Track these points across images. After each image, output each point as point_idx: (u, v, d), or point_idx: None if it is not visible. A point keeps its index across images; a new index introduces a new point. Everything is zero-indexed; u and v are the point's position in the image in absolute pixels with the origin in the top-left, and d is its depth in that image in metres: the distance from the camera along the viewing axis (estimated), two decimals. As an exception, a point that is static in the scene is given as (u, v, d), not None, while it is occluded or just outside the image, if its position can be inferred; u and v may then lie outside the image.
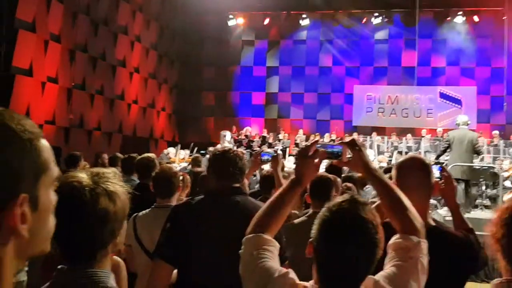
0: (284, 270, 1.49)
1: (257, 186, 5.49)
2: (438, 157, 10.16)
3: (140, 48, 16.43)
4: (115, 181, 1.40)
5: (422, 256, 1.53)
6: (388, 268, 1.51)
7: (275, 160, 3.37)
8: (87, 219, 1.31)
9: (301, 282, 1.47)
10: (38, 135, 0.78)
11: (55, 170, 0.82)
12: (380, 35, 19.05)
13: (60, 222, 1.11)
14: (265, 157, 3.36)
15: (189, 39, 19.41)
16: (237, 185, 2.37)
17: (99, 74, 14.08)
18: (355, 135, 16.83)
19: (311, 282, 1.44)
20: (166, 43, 18.42)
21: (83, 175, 1.36)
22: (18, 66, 10.90)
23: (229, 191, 2.34)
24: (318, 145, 1.78)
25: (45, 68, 11.82)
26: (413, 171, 2.06)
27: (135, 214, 3.17)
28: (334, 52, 19.39)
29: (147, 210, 3.16)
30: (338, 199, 1.45)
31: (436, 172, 2.29)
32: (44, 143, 0.80)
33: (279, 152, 3.51)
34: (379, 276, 1.48)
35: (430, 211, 2.21)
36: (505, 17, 17.02)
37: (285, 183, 3.24)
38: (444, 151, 9.57)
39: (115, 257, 2.39)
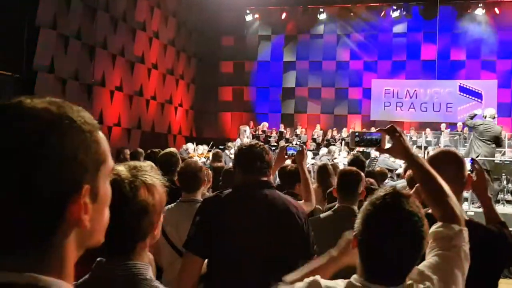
0: None
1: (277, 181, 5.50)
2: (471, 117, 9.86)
3: (158, 44, 16.52)
4: (153, 174, 1.42)
5: (464, 244, 1.52)
6: (431, 257, 1.50)
7: (300, 154, 3.35)
8: (127, 212, 1.32)
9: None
10: (96, 126, 0.78)
11: (111, 162, 0.82)
12: (399, 28, 18.82)
13: None
14: (291, 152, 3.36)
15: (206, 34, 19.44)
16: (265, 178, 2.38)
17: (118, 70, 14.22)
18: (373, 130, 16.72)
19: (355, 276, 1.43)
20: (184, 39, 18.49)
21: (121, 168, 1.38)
22: (39, 64, 11.06)
23: (257, 185, 2.35)
24: (356, 133, 1.78)
25: (66, 65, 11.97)
26: (445, 164, 2.00)
27: (162, 208, 3.20)
28: (352, 46, 19.23)
29: (173, 205, 3.19)
30: (381, 192, 1.43)
31: (467, 165, 2.26)
32: (102, 134, 0.80)
33: (304, 146, 3.47)
34: (422, 266, 1.47)
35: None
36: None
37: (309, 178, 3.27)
38: (470, 122, 9.44)
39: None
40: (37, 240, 0.72)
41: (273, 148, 15.34)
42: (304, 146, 3.46)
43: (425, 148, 14.42)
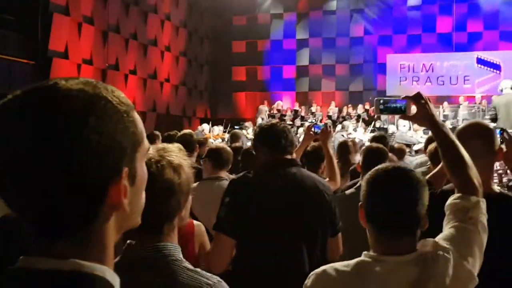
0: None
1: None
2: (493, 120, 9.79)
3: (170, 27, 16.47)
4: (180, 155, 1.41)
5: (481, 216, 1.51)
6: (447, 229, 1.50)
7: (325, 133, 3.32)
8: (154, 191, 1.26)
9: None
10: (131, 106, 0.75)
11: (147, 142, 0.79)
12: (413, 1, 18.45)
13: None
14: (317, 130, 3.33)
15: (217, 15, 19.30)
16: (290, 157, 2.37)
17: (132, 54, 14.23)
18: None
19: (365, 252, 1.46)
20: (195, 20, 18.39)
21: (151, 149, 1.35)
22: (54, 50, 11.12)
23: (284, 163, 2.34)
24: (380, 100, 1.75)
25: (80, 50, 12.02)
26: (474, 138, 1.96)
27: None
28: (366, 22, 18.93)
29: (197, 183, 3.22)
30: (384, 164, 1.52)
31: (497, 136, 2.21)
32: (137, 115, 0.77)
33: (329, 124, 3.41)
34: (438, 238, 1.47)
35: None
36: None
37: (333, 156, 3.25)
38: (493, 120, 9.19)
39: (195, 221, 2.45)
40: (80, 225, 0.70)
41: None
42: (329, 124, 3.40)
43: (443, 121, 14.24)
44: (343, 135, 11.15)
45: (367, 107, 16.86)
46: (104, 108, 0.69)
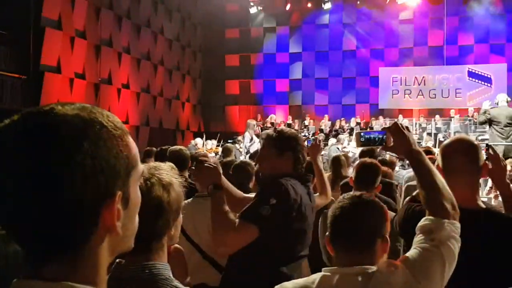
0: None
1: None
2: (480, 123, 9.91)
3: (163, 40, 16.51)
4: (171, 173, 1.41)
5: (448, 238, 1.52)
6: (411, 250, 1.53)
7: (314, 147, 3.29)
8: (142, 209, 1.30)
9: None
10: (126, 131, 0.77)
11: (141, 166, 0.81)
12: (405, 15, 18.63)
13: None
14: (309, 144, 3.30)
15: (211, 28, 19.40)
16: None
17: (125, 68, 14.22)
18: (381, 118, 16.65)
19: (326, 268, 1.56)
20: (189, 34, 18.46)
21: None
22: (46, 64, 11.09)
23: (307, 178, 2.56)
24: (361, 133, 1.83)
25: (72, 64, 11.99)
26: (458, 154, 1.97)
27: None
28: (358, 35, 19.08)
29: (189, 200, 3.18)
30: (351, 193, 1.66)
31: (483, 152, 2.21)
32: (131, 139, 0.79)
33: (319, 139, 3.35)
34: (399, 259, 1.52)
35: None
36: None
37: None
38: (483, 123, 9.32)
39: (176, 245, 2.40)
40: (72, 247, 0.72)
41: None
42: (319, 139, 3.37)
43: (435, 135, 14.30)
44: (338, 148, 11.15)
45: (359, 120, 16.93)
46: (99, 133, 0.72)
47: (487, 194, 5.81)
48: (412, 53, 18.57)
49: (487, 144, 2.42)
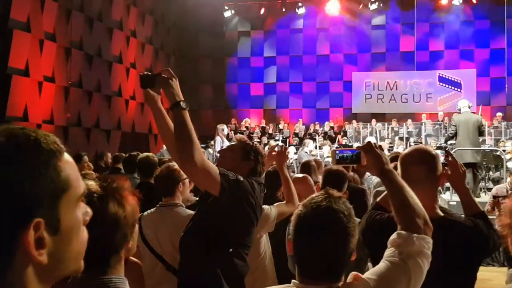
0: None
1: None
2: (446, 141, 10.23)
3: (135, 43, 16.31)
4: (123, 186, 1.42)
5: (417, 254, 1.53)
6: (380, 263, 1.54)
7: (280, 154, 3.26)
8: (99, 225, 1.27)
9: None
10: (56, 153, 0.74)
11: (80, 186, 0.78)
12: (377, 20, 18.91)
13: None
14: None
15: (184, 32, 19.28)
16: None
17: (96, 71, 13.98)
18: (354, 123, 16.82)
19: (293, 280, 1.48)
20: (162, 37, 18.29)
21: (91, 183, 1.37)
22: (14, 67, 10.81)
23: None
24: (336, 151, 1.89)
25: (41, 67, 11.72)
26: (416, 164, 2.02)
27: (141, 214, 3.12)
28: (331, 40, 19.26)
29: (152, 210, 3.11)
30: (314, 194, 1.51)
31: (441, 158, 2.25)
32: (66, 159, 0.76)
33: (285, 146, 3.35)
34: (369, 271, 1.51)
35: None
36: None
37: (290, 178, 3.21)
38: (452, 136, 9.51)
39: (132, 257, 2.37)
40: None
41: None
42: (285, 146, 3.36)
43: (407, 139, 14.52)
44: (306, 152, 11.18)
45: (332, 124, 17.07)
46: (14, 158, 0.69)
47: None
48: (384, 58, 18.84)
49: (446, 151, 2.47)
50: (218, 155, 2.83)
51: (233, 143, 2.82)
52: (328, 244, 1.40)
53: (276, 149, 3.38)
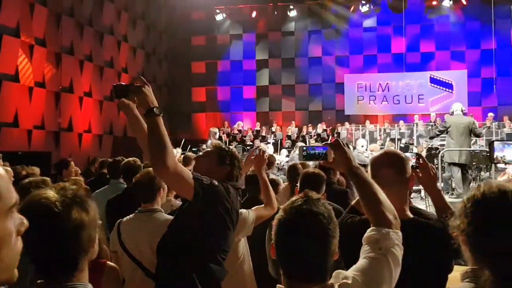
0: None
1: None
2: (431, 138, 10.33)
3: (127, 48, 16.30)
4: (81, 193, 1.42)
5: (393, 246, 1.58)
6: (360, 260, 1.57)
7: (258, 158, 3.27)
8: (62, 231, 1.32)
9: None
10: None
11: (10, 197, 0.78)
12: (369, 22, 18.97)
13: (34, 239, 1.17)
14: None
15: (176, 36, 19.30)
16: None
17: (87, 76, 13.96)
18: (347, 124, 16.85)
19: (278, 285, 1.48)
20: (153, 41, 18.29)
21: (49, 191, 1.38)
22: (3, 72, 10.78)
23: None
24: (304, 148, 1.91)
25: (32, 72, 11.70)
26: (385, 167, 2.05)
27: (120, 220, 3.12)
28: (323, 42, 19.30)
29: (131, 216, 3.09)
30: (294, 197, 1.50)
31: (412, 160, 2.28)
32: None
33: (263, 149, 3.34)
34: (351, 268, 1.53)
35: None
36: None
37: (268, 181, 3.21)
38: (440, 133, 9.65)
39: (110, 263, 2.37)
40: None
41: (248, 147, 15.31)
42: (263, 150, 3.35)
43: (399, 140, 14.56)
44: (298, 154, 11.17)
45: (325, 127, 17.10)
46: None
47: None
48: (376, 60, 18.90)
49: (417, 153, 2.50)
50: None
51: (209, 149, 2.82)
52: (311, 246, 1.41)
53: (255, 153, 3.38)
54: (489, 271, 1.29)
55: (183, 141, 14.40)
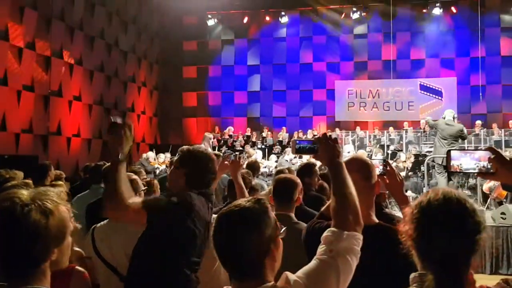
0: None
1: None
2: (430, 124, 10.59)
3: (118, 52, 16.27)
4: (56, 200, 1.41)
5: (346, 251, 1.57)
6: (311, 262, 1.56)
7: (234, 163, 3.28)
8: (18, 234, 1.31)
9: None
10: None
11: None
12: (359, 29, 19.09)
13: None
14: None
15: (167, 40, 19.31)
16: None
17: (76, 79, 13.92)
18: (337, 130, 16.91)
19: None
20: (145, 46, 18.28)
21: (24, 192, 1.37)
22: (-9, 76, 10.74)
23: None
24: (297, 141, 1.95)
25: (20, 76, 11.65)
26: (351, 172, 2.01)
27: (94, 226, 3.10)
28: (314, 49, 19.39)
29: (105, 221, 3.08)
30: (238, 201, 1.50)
31: (380, 167, 2.30)
32: None
33: (239, 155, 3.37)
34: (299, 271, 1.52)
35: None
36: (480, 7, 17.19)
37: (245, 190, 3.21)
38: (429, 125, 10.24)
39: (78, 267, 2.36)
40: None
41: (237, 153, 15.30)
42: (241, 156, 3.39)
43: (388, 146, 14.62)
44: (287, 160, 11.23)
45: (315, 132, 17.13)
46: None
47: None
48: (366, 66, 19.00)
49: (384, 160, 2.53)
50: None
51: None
52: (240, 241, 1.40)
53: (230, 158, 3.39)
54: (432, 274, 1.31)
55: (170, 147, 14.36)
